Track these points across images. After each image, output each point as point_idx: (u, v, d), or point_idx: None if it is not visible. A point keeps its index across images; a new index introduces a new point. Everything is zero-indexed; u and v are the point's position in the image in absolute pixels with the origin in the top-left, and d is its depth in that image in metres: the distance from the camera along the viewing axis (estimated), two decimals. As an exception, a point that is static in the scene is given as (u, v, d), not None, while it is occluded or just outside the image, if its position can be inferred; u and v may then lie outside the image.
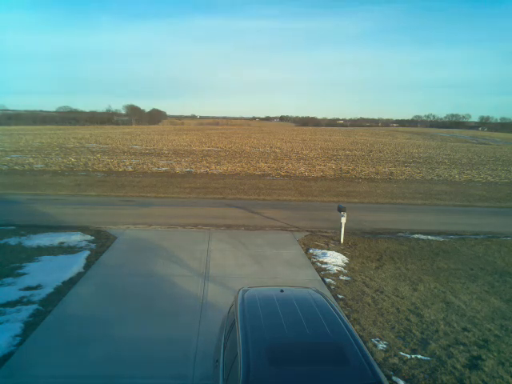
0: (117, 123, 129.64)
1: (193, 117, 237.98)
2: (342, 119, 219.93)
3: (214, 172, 27.98)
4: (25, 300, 7.99)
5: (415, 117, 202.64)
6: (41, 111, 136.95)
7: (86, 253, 10.86)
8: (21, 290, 8.43)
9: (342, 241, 12.78)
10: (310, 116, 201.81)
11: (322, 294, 5.42)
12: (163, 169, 28.74)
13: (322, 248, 12.05)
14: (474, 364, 6.43)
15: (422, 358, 6.54)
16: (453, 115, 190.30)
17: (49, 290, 8.48)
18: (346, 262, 11.04)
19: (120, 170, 27.94)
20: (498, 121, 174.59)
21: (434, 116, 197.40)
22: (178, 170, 28.52)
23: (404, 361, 6.44)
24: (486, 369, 6.28)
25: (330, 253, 11.46)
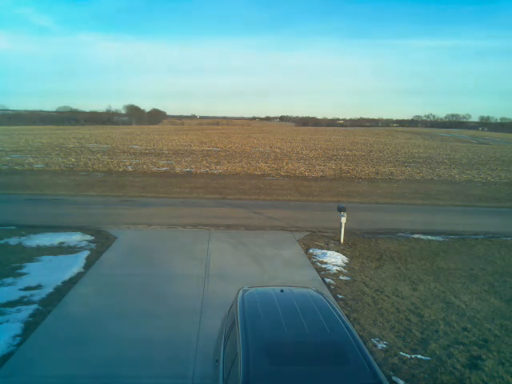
0: (117, 123, 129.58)
1: (193, 117, 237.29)
2: (342, 119, 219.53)
3: (214, 172, 27.99)
4: (25, 300, 7.99)
5: (415, 117, 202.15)
6: (41, 111, 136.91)
7: (86, 253, 10.86)
8: (21, 290, 8.43)
9: (342, 241, 12.79)
10: (310, 116, 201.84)
11: (321, 293, 5.42)
12: (163, 169, 28.75)
13: (322, 248, 12.05)
14: (473, 364, 6.42)
15: (422, 357, 6.54)
16: (453, 115, 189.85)
17: (49, 289, 8.48)
18: (346, 261, 11.04)
19: (120, 169, 27.95)
20: (498, 121, 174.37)
21: (433, 116, 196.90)
22: (178, 169, 28.53)
23: (404, 361, 6.44)
24: (486, 369, 6.28)
25: (330, 253, 11.47)
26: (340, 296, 8.80)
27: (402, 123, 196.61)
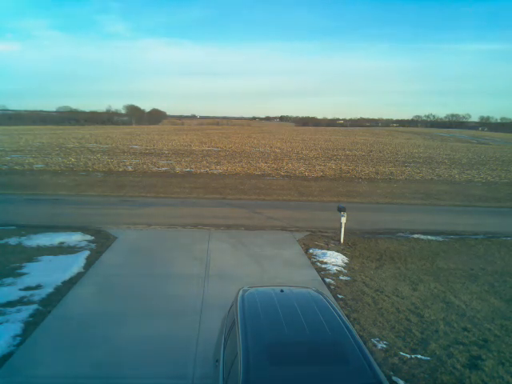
0: (117, 123, 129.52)
1: (193, 117, 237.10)
2: (342, 119, 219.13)
3: (214, 172, 27.98)
4: (25, 300, 8.00)
5: (415, 117, 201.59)
6: (41, 111, 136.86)
7: (86, 253, 10.86)
8: (21, 290, 8.44)
9: (342, 241, 12.78)
10: (310, 116, 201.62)
11: (321, 293, 5.42)
12: (163, 169, 28.75)
13: (322, 248, 12.05)
14: (473, 364, 6.42)
15: (422, 357, 6.54)
16: (453, 115, 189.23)
17: (49, 290, 8.48)
18: (346, 261, 11.04)
19: (120, 169, 27.94)
20: (498, 121, 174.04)
21: (434, 116, 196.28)
22: (178, 169, 28.52)
23: (404, 361, 6.44)
24: (486, 369, 6.28)
25: (329, 253, 11.46)
26: (340, 296, 8.80)
27: (402, 123, 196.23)
